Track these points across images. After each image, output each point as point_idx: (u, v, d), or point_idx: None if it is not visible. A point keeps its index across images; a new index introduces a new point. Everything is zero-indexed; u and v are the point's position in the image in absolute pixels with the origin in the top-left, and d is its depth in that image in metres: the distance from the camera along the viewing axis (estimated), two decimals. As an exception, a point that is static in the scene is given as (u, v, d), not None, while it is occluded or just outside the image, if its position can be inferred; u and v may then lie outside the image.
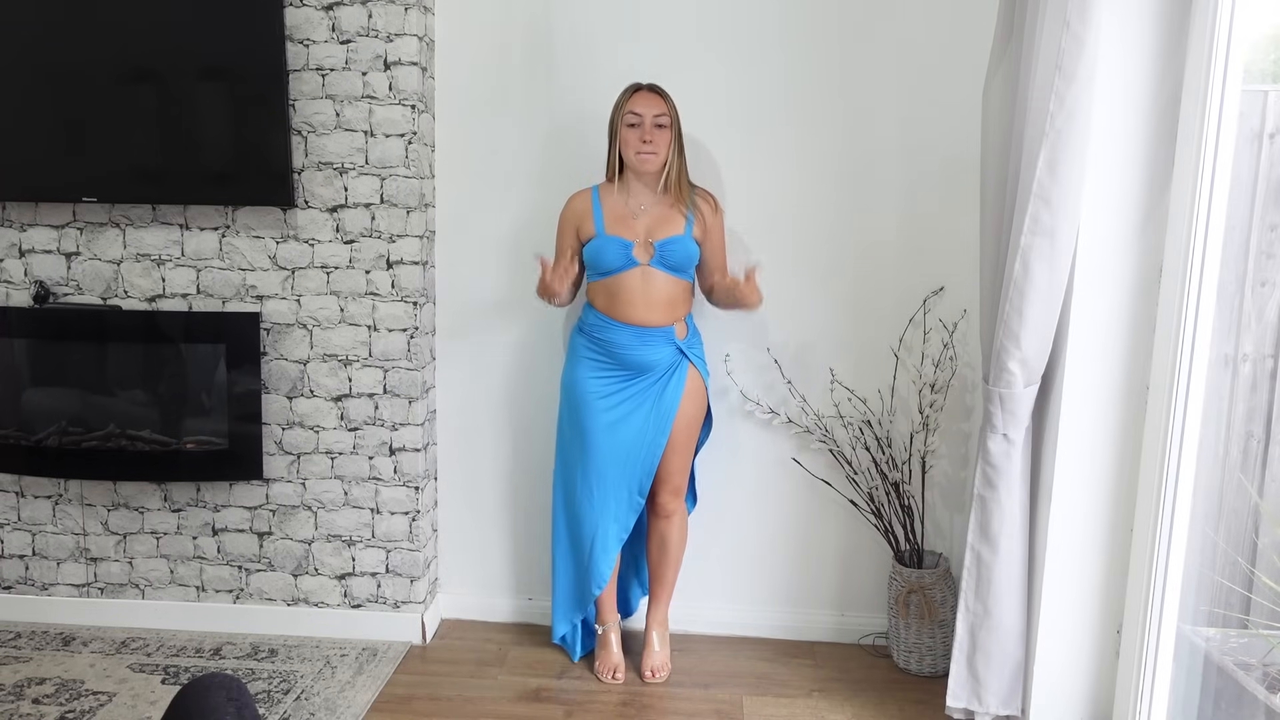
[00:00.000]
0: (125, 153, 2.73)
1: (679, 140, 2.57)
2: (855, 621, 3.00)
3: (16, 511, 2.98)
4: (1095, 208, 2.19)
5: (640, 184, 2.59)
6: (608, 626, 2.80)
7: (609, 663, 2.76)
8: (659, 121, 2.51)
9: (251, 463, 2.85)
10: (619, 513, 2.67)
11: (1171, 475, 2.10)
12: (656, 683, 2.73)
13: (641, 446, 2.62)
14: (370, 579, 2.94)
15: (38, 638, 2.91)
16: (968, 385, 2.86)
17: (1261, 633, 2.27)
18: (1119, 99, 2.15)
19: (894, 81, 2.78)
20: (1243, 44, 1.97)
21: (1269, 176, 2.19)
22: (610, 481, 2.64)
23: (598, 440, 2.62)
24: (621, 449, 2.62)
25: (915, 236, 2.83)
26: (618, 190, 2.61)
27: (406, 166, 2.75)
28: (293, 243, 2.80)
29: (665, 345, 2.59)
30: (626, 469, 2.64)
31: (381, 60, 2.71)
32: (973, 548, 2.41)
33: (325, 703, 2.57)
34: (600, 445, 2.63)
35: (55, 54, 2.67)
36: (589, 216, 2.60)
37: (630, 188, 2.60)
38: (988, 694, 2.43)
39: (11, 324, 2.85)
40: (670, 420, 2.62)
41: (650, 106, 2.52)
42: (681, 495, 2.75)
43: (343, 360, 2.84)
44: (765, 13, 2.78)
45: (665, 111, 2.52)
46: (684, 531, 2.79)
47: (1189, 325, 2.06)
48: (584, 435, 2.64)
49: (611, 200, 2.61)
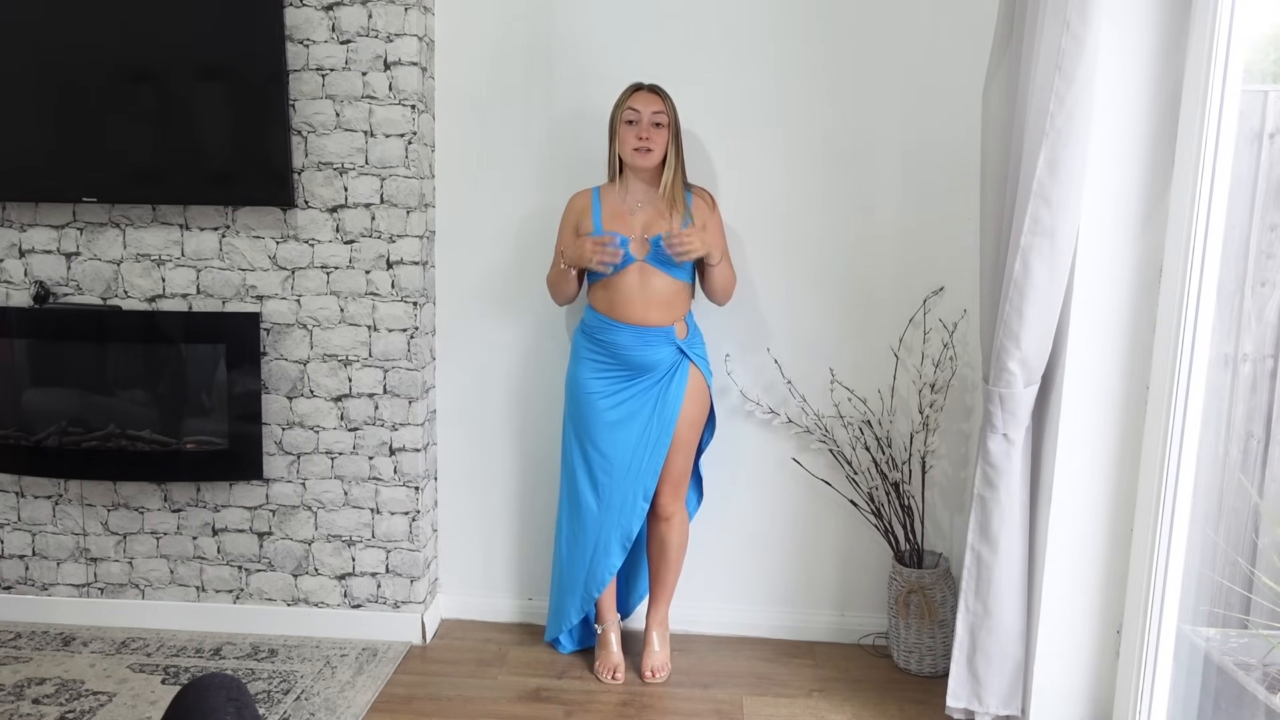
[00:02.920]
0: (125, 153, 2.73)
1: (677, 141, 2.57)
2: (855, 621, 3.00)
3: (16, 511, 2.98)
4: (1095, 208, 2.19)
5: (638, 182, 2.59)
6: (607, 626, 2.80)
7: (609, 663, 2.76)
8: (656, 120, 2.52)
9: (251, 463, 2.85)
10: (623, 517, 2.66)
11: (1171, 475, 2.10)
12: (656, 683, 2.73)
13: (645, 448, 2.62)
14: (370, 579, 2.94)
15: (38, 638, 2.91)
16: (968, 385, 2.86)
17: (1261, 633, 2.27)
18: (1119, 99, 2.15)
19: (894, 81, 2.78)
20: (1243, 44, 1.97)
21: (1269, 176, 2.19)
22: (615, 484, 2.64)
23: (601, 441, 2.63)
24: (625, 450, 2.62)
25: (915, 236, 2.83)
26: (617, 189, 2.62)
27: (406, 166, 2.75)
28: (293, 243, 2.80)
29: (666, 345, 2.59)
30: (630, 471, 2.63)
31: (381, 60, 2.71)
32: (973, 548, 2.41)
33: (325, 703, 2.57)
34: (603, 446, 2.63)
35: (55, 54, 2.67)
36: (588, 213, 2.62)
37: (629, 186, 2.61)
38: (988, 694, 2.43)
39: (11, 324, 2.85)
40: (673, 421, 2.61)
41: (648, 104, 2.53)
42: (681, 497, 2.74)
43: (343, 360, 2.84)
44: (765, 13, 2.78)
45: (663, 110, 2.53)
46: (684, 534, 2.78)
47: (1189, 325, 2.06)
48: (588, 436, 2.65)
49: (611, 198, 2.62)
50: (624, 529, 2.68)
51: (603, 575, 2.70)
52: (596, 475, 2.65)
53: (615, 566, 2.71)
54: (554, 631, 2.85)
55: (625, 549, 2.70)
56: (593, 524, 2.68)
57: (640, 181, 2.59)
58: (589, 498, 2.67)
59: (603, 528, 2.67)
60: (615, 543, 2.68)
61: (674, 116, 2.56)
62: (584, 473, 2.67)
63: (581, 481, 2.68)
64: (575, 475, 2.69)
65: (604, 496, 2.65)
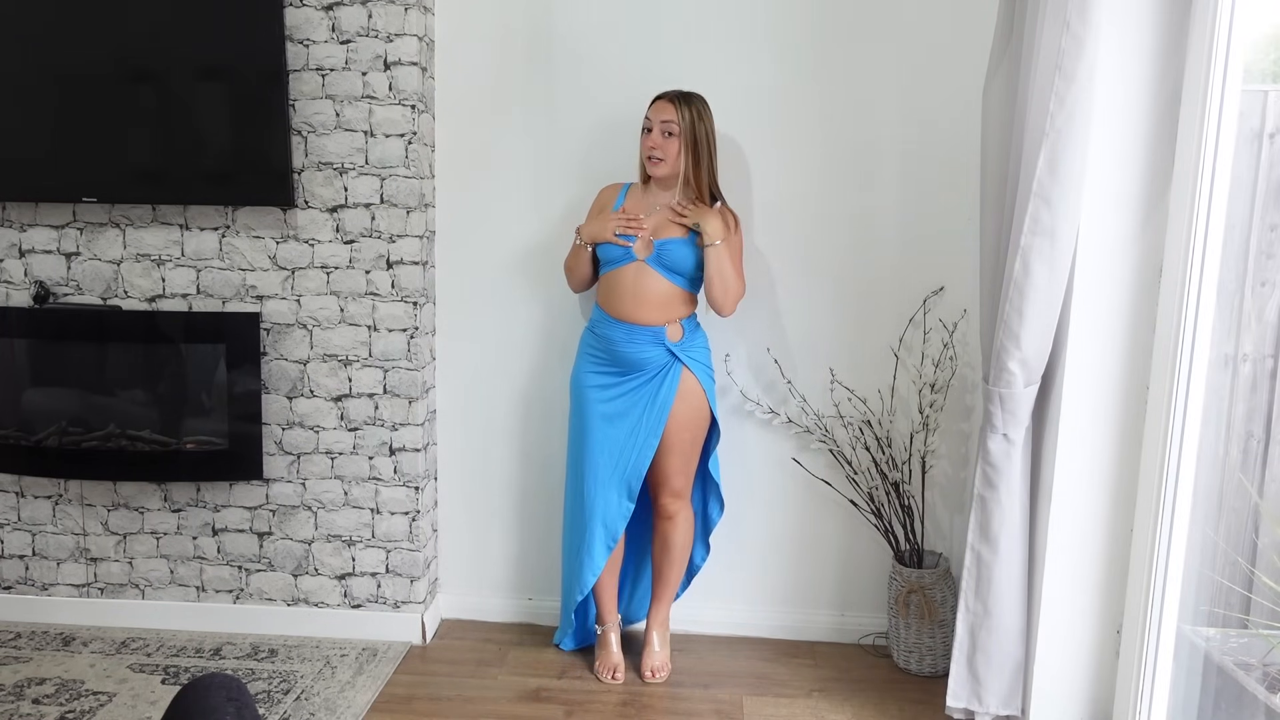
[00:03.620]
0: (125, 153, 2.73)
1: (694, 150, 2.55)
2: (855, 621, 3.00)
3: (16, 511, 2.98)
4: (1095, 208, 2.19)
5: (659, 186, 2.63)
6: (608, 626, 2.80)
7: (609, 663, 2.76)
8: (667, 129, 2.54)
9: (251, 463, 2.85)
10: (607, 515, 2.66)
11: (1171, 475, 2.10)
12: (656, 683, 2.73)
13: (632, 448, 2.62)
14: (370, 579, 2.94)
15: (38, 638, 2.91)
16: (968, 385, 2.86)
17: (1261, 633, 2.27)
18: (1119, 99, 2.15)
19: (894, 81, 2.78)
20: (1243, 44, 1.97)
21: (1269, 176, 2.19)
22: (601, 480, 2.65)
23: (592, 435, 2.65)
24: (613, 446, 2.63)
25: (915, 236, 2.83)
26: (642, 190, 2.67)
27: (406, 167, 2.75)
28: (293, 243, 2.80)
29: (654, 345, 2.59)
30: (616, 468, 2.64)
31: (381, 60, 2.71)
32: (973, 548, 2.41)
33: (325, 703, 2.57)
34: (594, 440, 2.65)
35: (55, 54, 2.67)
36: (609, 207, 2.67)
37: (651, 189, 2.65)
38: (988, 694, 2.43)
39: (11, 324, 2.85)
40: (662, 422, 2.61)
41: (660, 114, 2.55)
42: (683, 497, 2.73)
43: (343, 360, 2.84)
44: (765, 13, 2.78)
45: (673, 120, 2.54)
46: (688, 534, 2.77)
47: (1189, 325, 2.06)
48: (582, 430, 2.67)
49: (634, 198, 2.67)
50: (608, 528, 2.67)
51: (586, 575, 2.69)
52: (585, 471, 2.67)
53: (599, 566, 2.68)
54: (561, 634, 2.89)
55: (609, 548, 2.68)
56: (580, 521, 2.69)
57: (659, 187, 2.63)
58: (580, 494, 2.68)
59: (588, 526, 2.67)
60: (599, 541, 2.67)
61: (690, 126, 2.54)
62: (579, 469, 2.68)
63: (575, 478, 2.70)
64: (573, 473, 2.71)
65: (590, 493, 2.65)
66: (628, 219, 2.59)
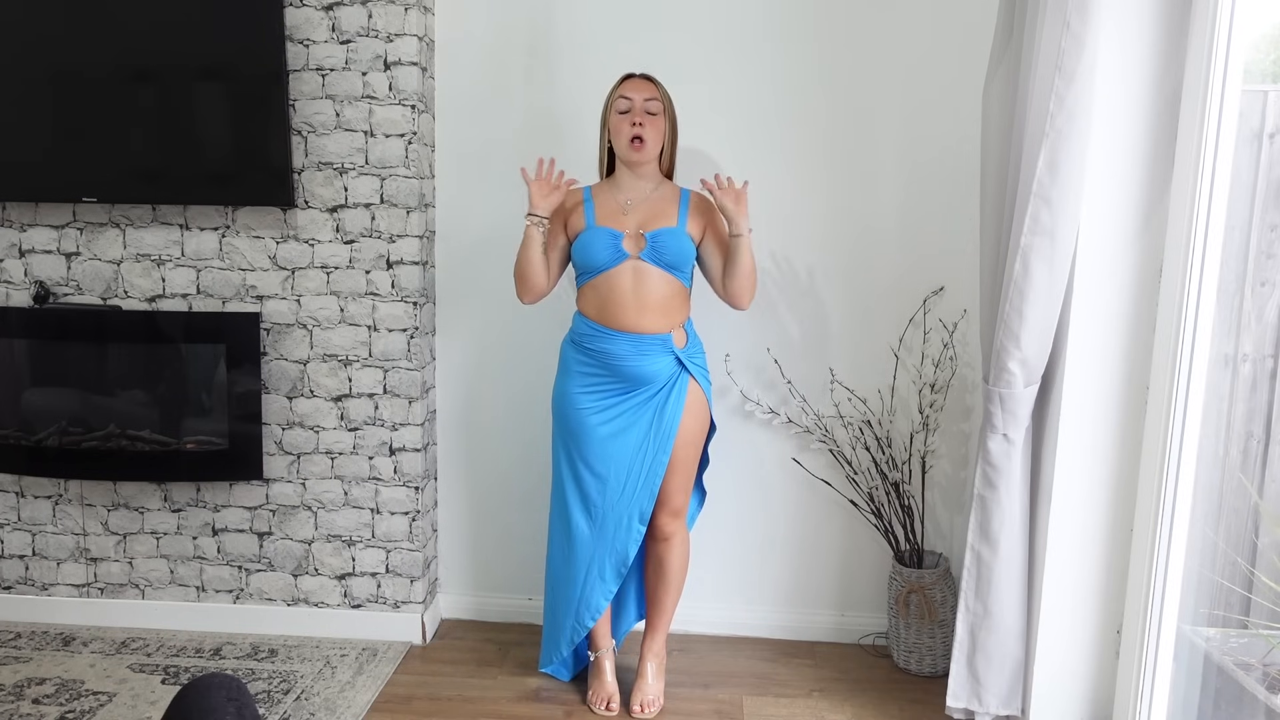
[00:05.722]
0: (125, 153, 2.73)
1: (673, 133, 2.48)
2: (855, 621, 3.00)
3: (16, 511, 2.98)
4: (1095, 208, 2.19)
5: (632, 177, 2.45)
6: (601, 653, 2.63)
7: (602, 693, 2.59)
8: (650, 107, 2.39)
9: (251, 463, 2.85)
10: (617, 540, 2.49)
11: (1171, 475, 2.10)
12: (646, 718, 2.55)
13: (642, 468, 2.45)
14: (370, 579, 2.94)
15: (38, 638, 2.91)
16: (968, 385, 2.86)
17: (1261, 633, 2.27)
18: (1119, 99, 2.15)
19: (894, 81, 2.78)
20: (1243, 44, 1.97)
21: (1269, 176, 2.19)
22: (608, 505, 2.47)
23: (593, 460, 2.46)
24: (620, 469, 2.45)
25: (915, 236, 2.83)
26: (609, 187, 2.49)
27: (406, 166, 2.75)
28: (293, 243, 2.80)
29: (663, 355, 2.43)
30: (625, 491, 2.46)
31: (381, 60, 2.71)
32: (973, 548, 2.41)
33: (325, 703, 2.57)
34: (596, 465, 2.46)
35: (55, 54, 2.67)
36: (578, 210, 2.47)
37: (621, 183, 2.46)
38: (988, 694, 2.43)
39: (11, 324, 2.85)
40: (671, 439, 2.44)
41: (641, 91, 2.40)
42: (681, 517, 2.58)
43: (343, 360, 2.84)
44: (764, 13, 2.78)
45: (656, 96, 2.40)
46: (685, 556, 2.61)
47: (1189, 325, 2.06)
48: (579, 455, 2.48)
49: (604, 197, 2.47)
50: (619, 553, 2.50)
51: (597, 603, 2.53)
52: (589, 496, 2.48)
53: (610, 593, 2.54)
54: (547, 661, 2.69)
55: (621, 574, 2.53)
56: (585, 549, 2.51)
57: (634, 177, 2.45)
58: (581, 521, 2.50)
59: (596, 552, 2.50)
60: (610, 568, 2.51)
61: (670, 106, 2.46)
62: (575, 495, 2.50)
63: (573, 504, 2.50)
64: (566, 497, 2.52)
65: (597, 519, 2.48)
66: (542, 164, 2.32)
